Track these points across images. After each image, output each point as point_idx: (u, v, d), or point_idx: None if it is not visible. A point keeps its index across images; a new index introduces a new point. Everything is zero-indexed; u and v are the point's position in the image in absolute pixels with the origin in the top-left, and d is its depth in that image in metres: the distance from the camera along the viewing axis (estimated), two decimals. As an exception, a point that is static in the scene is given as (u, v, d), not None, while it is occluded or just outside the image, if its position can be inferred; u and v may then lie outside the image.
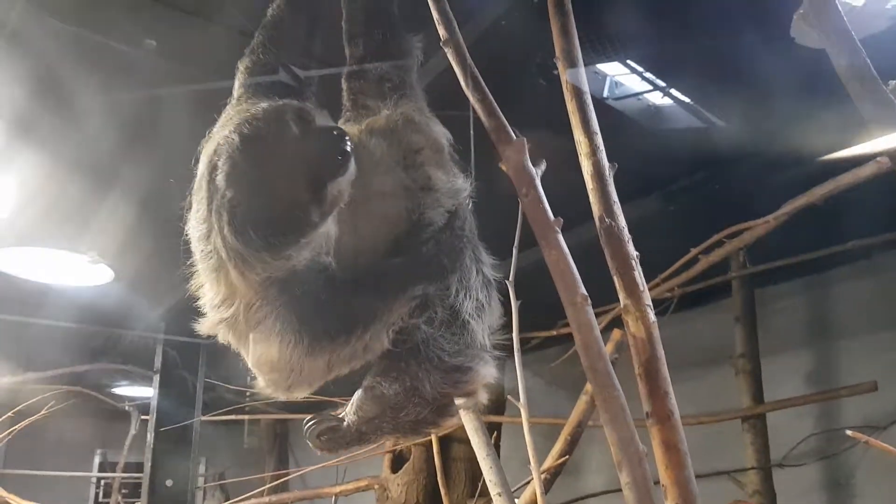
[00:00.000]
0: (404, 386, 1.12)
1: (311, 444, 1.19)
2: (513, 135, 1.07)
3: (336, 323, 1.06)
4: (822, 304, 3.36)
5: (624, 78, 2.15)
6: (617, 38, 1.90)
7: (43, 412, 3.70)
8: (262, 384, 1.13)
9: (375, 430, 1.16)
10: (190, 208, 1.11)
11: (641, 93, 2.19)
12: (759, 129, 2.35)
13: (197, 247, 1.07)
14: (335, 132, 1.04)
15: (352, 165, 1.03)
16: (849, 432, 1.36)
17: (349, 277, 1.09)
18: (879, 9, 1.61)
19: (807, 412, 3.16)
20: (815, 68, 1.91)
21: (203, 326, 1.11)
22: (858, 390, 2.74)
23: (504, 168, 1.05)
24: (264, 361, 1.08)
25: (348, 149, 1.03)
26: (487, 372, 1.23)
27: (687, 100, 2.21)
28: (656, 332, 1.14)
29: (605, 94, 2.16)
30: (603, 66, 2.04)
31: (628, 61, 2.02)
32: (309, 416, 1.21)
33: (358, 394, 1.17)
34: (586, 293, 1.01)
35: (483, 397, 1.28)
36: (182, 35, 1.79)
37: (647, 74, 2.10)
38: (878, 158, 1.86)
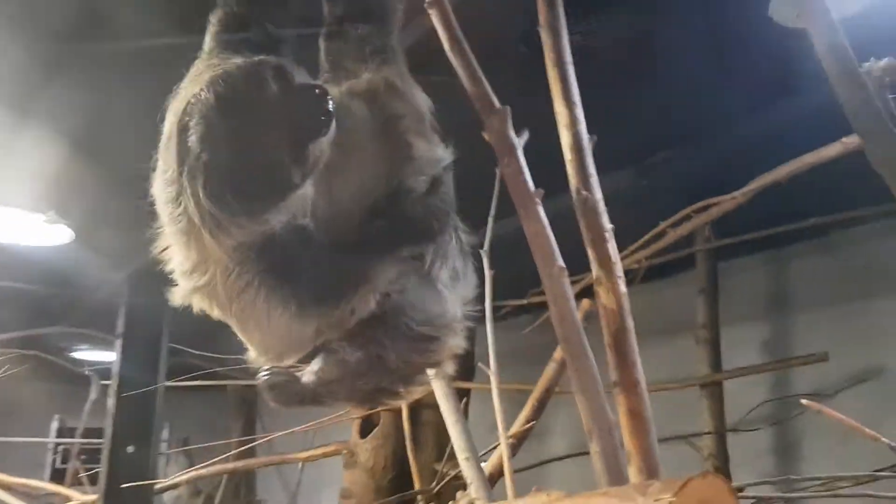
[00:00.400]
0: (368, 354, 1.11)
1: (263, 395, 1.17)
2: (496, 103, 1.06)
3: (323, 288, 1.04)
4: (782, 278, 3.47)
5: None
6: (594, 7, 1.89)
7: (-1, 375, 3.63)
8: (252, 354, 1.12)
9: (330, 393, 1.14)
10: (155, 168, 1.07)
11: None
12: (728, 104, 2.38)
13: (164, 209, 1.02)
14: (317, 90, 1.00)
15: (333, 125, 1.00)
16: (804, 401, 1.41)
17: (332, 240, 1.07)
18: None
19: (762, 380, 3.29)
20: (790, 47, 1.95)
21: (176, 295, 1.08)
22: (811, 360, 2.86)
23: (486, 137, 1.05)
24: (254, 330, 1.06)
25: (331, 107, 0.99)
26: (456, 342, 1.22)
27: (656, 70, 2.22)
28: (626, 304, 1.16)
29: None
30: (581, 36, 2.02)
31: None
32: (265, 367, 1.18)
33: (319, 355, 1.14)
34: (563, 265, 1.02)
35: (450, 368, 1.29)
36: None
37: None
38: (844, 139, 1.90)
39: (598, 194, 1.21)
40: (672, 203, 2.60)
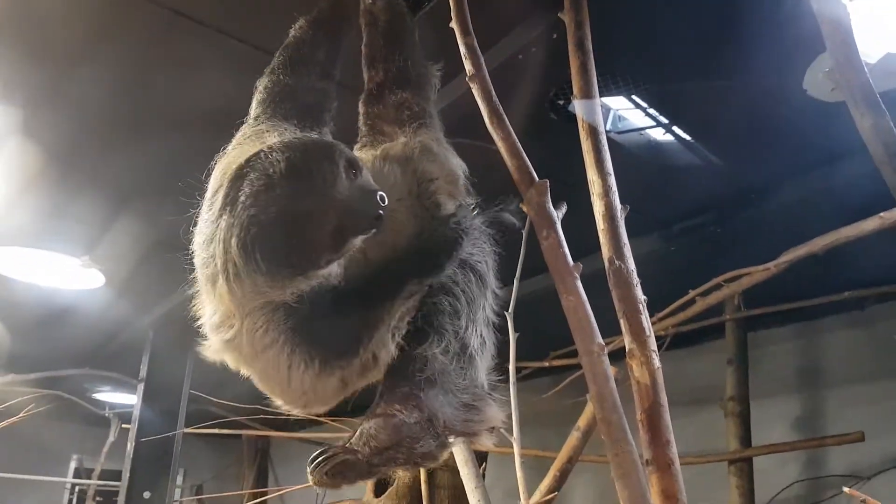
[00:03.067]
0: (423, 416, 1.07)
1: (314, 481, 1.12)
2: (534, 175, 1.06)
3: (342, 337, 1.03)
4: (814, 351, 3.37)
5: (627, 112, 2.16)
6: (623, 73, 1.92)
7: (21, 415, 3.63)
8: (278, 402, 1.10)
9: (388, 461, 1.06)
10: (196, 221, 1.09)
11: (644, 128, 2.21)
12: (761, 173, 2.37)
13: (199, 253, 1.03)
14: (378, 194, 1.02)
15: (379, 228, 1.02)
16: (846, 489, 1.34)
17: (348, 289, 1.07)
18: (893, 66, 1.63)
19: (793, 458, 3.16)
20: (824, 119, 1.95)
21: (208, 350, 1.07)
22: (846, 440, 2.75)
23: (525, 209, 1.05)
24: (276, 386, 1.04)
25: (383, 212, 1.02)
26: (494, 414, 1.19)
27: (689, 138, 2.23)
28: (660, 379, 1.13)
29: (609, 127, 2.18)
30: (607, 100, 2.05)
31: (633, 96, 2.04)
32: (315, 453, 1.14)
33: (371, 423, 1.09)
34: (603, 342, 1.00)
35: (488, 441, 1.24)
36: (199, 49, 1.78)
37: (651, 110, 2.11)
38: (882, 214, 1.87)
39: (632, 265, 1.20)
40: (701, 270, 2.57)
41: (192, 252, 1.09)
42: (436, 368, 1.08)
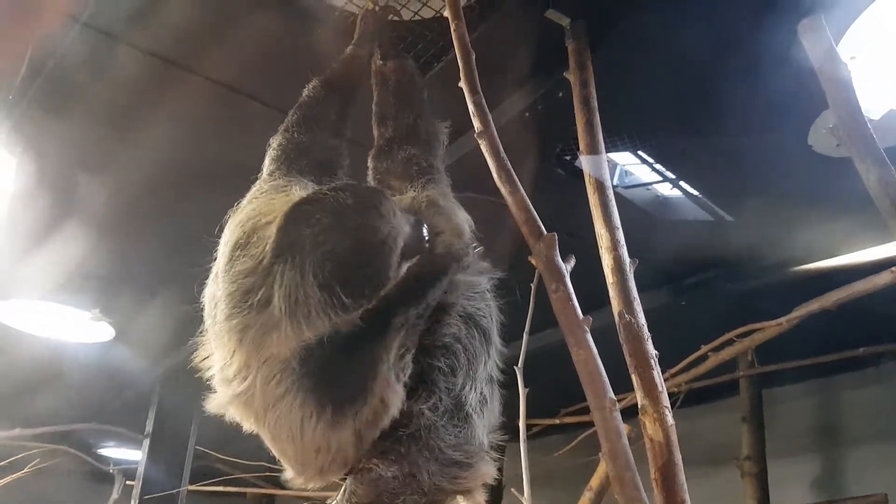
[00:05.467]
0: (402, 471, 1.05)
1: None
2: (543, 229, 1.07)
3: (349, 381, 1.02)
4: (831, 408, 3.30)
5: (633, 167, 2.19)
6: (628, 128, 1.95)
7: (25, 470, 3.59)
8: (290, 474, 1.08)
9: None
10: (207, 274, 1.09)
11: (651, 183, 2.23)
12: (770, 228, 2.37)
13: (223, 306, 1.02)
14: (423, 222, 1.12)
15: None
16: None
17: (348, 332, 1.07)
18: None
19: (814, 520, 3.05)
20: (831, 175, 1.96)
21: (213, 403, 1.06)
22: (869, 502, 2.66)
23: (534, 262, 1.05)
24: (289, 444, 1.03)
25: (427, 237, 1.11)
26: (487, 471, 1.17)
27: (696, 193, 2.25)
28: (674, 436, 1.11)
29: (615, 182, 2.20)
30: (613, 155, 2.08)
31: (639, 151, 2.06)
32: None
33: (351, 478, 1.11)
34: (615, 398, 0.98)
35: (480, 497, 1.22)
36: (210, 109, 1.84)
37: (658, 165, 2.14)
38: (893, 268, 1.86)
39: (642, 319, 1.19)
40: (713, 325, 2.55)
41: (203, 306, 1.10)
42: (421, 424, 1.06)
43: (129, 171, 2.11)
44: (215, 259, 1.10)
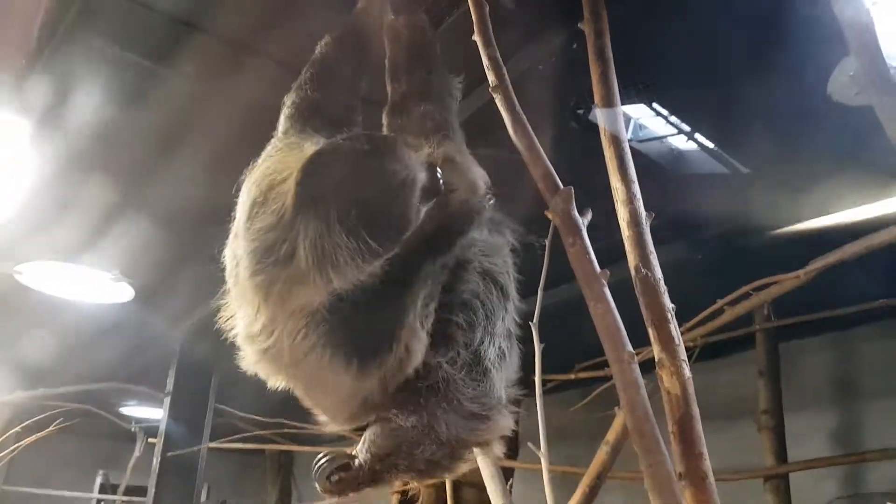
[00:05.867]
0: (421, 421, 1.08)
1: (318, 487, 1.14)
2: (559, 183, 1.06)
3: (375, 333, 1.04)
4: (849, 361, 3.29)
5: (648, 121, 2.15)
6: (643, 81, 1.90)
7: (50, 429, 3.69)
8: (323, 419, 1.10)
9: (390, 468, 1.10)
10: (226, 235, 1.10)
11: (665, 136, 2.19)
12: (787, 180, 2.33)
13: (245, 263, 1.02)
14: (431, 163, 1.11)
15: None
16: None
17: (373, 285, 1.07)
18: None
19: (831, 473, 3.07)
20: (850, 124, 1.92)
21: (245, 361, 1.08)
22: (888, 455, 2.66)
23: (549, 216, 1.04)
24: (318, 393, 1.05)
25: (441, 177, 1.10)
26: (504, 423, 1.19)
27: (711, 145, 2.21)
28: (691, 389, 1.10)
29: (630, 135, 2.16)
30: (627, 108, 2.04)
31: (653, 104, 2.02)
32: (319, 455, 1.16)
33: (371, 429, 1.13)
34: (633, 350, 0.98)
35: (498, 449, 1.25)
36: (228, 66, 1.82)
37: (672, 118, 2.10)
38: (915, 219, 1.83)
39: (658, 273, 1.18)
40: (730, 280, 2.53)
41: (225, 265, 1.10)
42: (440, 377, 1.08)
43: (146, 134, 2.11)
44: (234, 218, 1.10)
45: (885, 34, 1.24)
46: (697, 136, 2.15)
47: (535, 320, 1.78)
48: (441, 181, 1.09)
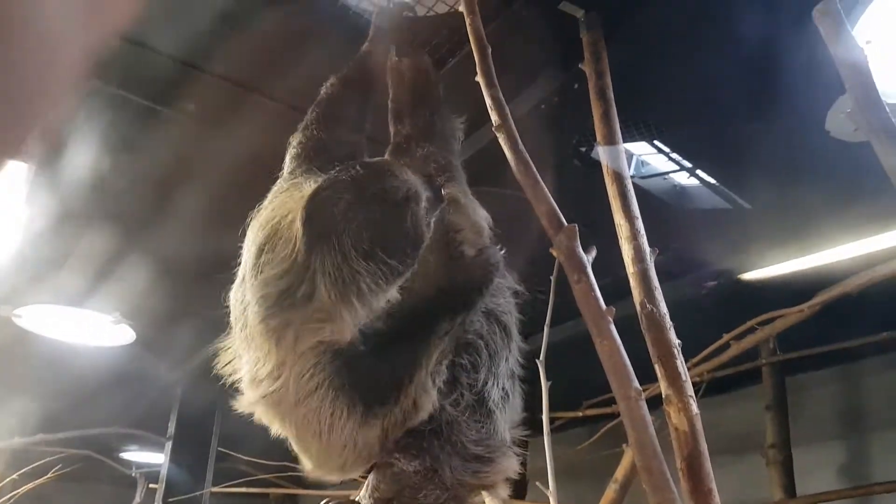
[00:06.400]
0: (424, 465, 1.07)
1: None
2: (563, 220, 1.07)
3: (384, 382, 1.03)
4: (855, 394, 3.26)
5: (650, 157, 2.17)
6: (644, 119, 1.93)
7: (48, 476, 3.63)
8: (309, 467, 1.08)
9: None
10: (232, 279, 1.10)
11: (667, 172, 2.22)
12: (788, 215, 2.35)
13: (256, 308, 1.01)
14: (428, 177, 1.15)
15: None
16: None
17: (387, 334, 1.08)
18: (916, 105, 1.62)
19: (841, 508, 3.02)
20: (849, 160, 1.94)
21: (242, 403, 1.07)
22: (895, 487, 2.63)
23: (555, 254, 1.05)
24: (314, 440, 1.03)
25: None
26: (509, 465, 1.17)
27: (713, 181, 2.23)
28: (699, 425, 1.10)
29: (632, 172, 2.18)
30: (629, 146, 2.07)
31: (655, 141, 2.05)
32: (323, 499, 1.14)
33: (374, 473, 1.12)
34: (640, 387, 0.98)
35: (504, 491, 1.23)
36: (231, 107, 1.84)
37: (674, 155, 2.12)
38: (917, 251, 1.84)
39: (664, 308, 1.19)
40: (734, 314, 2.52)
41: (229, 309, 1.10)
42: (443, 419, 1.07)
43: (146, 180, 2.13)
44: (239, 263, 1.11)
45: (879, 72, 1.27)
46: (699, 172, 2.18)
47: (541, 357, 1.77)
48: (441, 193, 1.11)
